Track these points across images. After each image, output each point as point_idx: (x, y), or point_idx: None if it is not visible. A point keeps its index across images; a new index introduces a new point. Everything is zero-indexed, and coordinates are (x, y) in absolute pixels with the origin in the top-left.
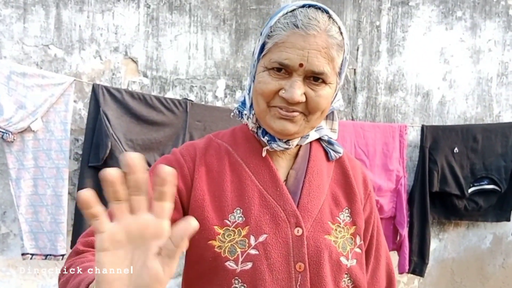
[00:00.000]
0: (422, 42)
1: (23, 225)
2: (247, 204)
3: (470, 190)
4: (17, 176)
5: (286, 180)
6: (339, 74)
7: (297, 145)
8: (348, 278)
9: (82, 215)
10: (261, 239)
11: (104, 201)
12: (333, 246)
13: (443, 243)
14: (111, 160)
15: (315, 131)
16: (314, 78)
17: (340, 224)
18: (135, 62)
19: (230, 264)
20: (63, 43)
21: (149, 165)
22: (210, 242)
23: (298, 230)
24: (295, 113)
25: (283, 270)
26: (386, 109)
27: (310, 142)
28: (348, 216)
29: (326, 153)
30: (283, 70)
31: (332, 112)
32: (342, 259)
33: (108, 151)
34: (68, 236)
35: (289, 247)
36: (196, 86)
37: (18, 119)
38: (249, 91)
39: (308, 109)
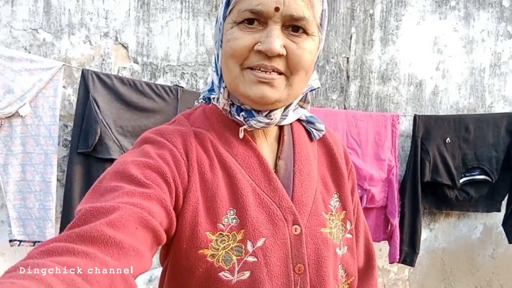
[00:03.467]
0: (416, 31)
1: (11, 212)
2: (241, 204)
3: (461, 181)
4: (5, 162)
5: (276, 171)
6: (321, 26)
7: (277, 125)
8: (341, 268)
9: (71, 201)
10: (259, 243)
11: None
12: (329, 239)
13: (434, 233)
14: (101, 147)
15: (293, 111)
16: (294, 28)
17: (332, 212)
18: (126, 47)
19: (225, 275)
20: (52, 27)
21: None
22: (201, 251)
23: (296, 228)
24: (275, 75)
25: (281, 275)
26: (379, 99)
27: (290, 124)
28: (338, 201)
29: (308, 133)
30: (256, 21)
31: (306, 94)
32: (337, 250)
33: (97, 138)
34: (56, 223)
35: (287, 248)
36: (187, 73)
37: (5, 104)
38: (216, 68)
39: (290, 67)
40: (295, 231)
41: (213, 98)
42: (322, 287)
